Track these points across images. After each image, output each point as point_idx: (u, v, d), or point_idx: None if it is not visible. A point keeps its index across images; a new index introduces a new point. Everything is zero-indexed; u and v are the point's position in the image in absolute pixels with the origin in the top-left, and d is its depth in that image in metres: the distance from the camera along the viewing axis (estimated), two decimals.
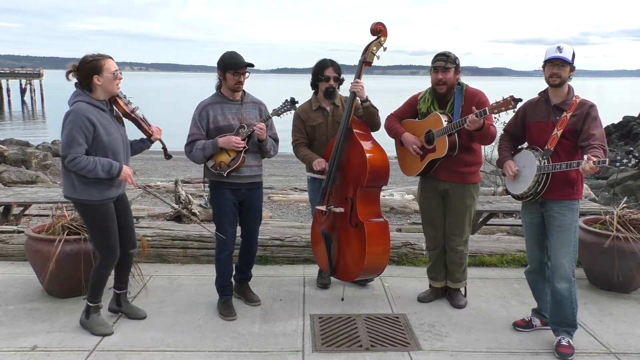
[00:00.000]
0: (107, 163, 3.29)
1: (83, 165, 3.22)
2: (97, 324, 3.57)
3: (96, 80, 3.28)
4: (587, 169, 3.02)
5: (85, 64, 3.28)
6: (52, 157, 14.64)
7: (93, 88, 3.32)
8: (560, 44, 3.33)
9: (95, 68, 3.27)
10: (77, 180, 3.33)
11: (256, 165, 3.90)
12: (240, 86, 3.77)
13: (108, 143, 3.32)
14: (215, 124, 3.78)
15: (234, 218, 3.90)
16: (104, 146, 3.30)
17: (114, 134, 3.37)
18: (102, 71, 3.28)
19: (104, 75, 3.28)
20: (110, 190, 3.42)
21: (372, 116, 4.01)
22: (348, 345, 3.47)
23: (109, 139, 3.32)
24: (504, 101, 3.39)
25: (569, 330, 3.45)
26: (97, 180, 3.32)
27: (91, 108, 3.28)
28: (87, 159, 3.23)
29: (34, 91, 48.79)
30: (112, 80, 3.31)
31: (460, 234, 4.01)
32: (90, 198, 3.36)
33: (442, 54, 3.81)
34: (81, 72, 3.29)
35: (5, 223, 6.00)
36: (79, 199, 3.38)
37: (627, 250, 4.19)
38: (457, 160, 3.84)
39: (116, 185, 3.44)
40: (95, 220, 3.44)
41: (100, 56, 3.31)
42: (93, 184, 3.33)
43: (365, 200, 3.96)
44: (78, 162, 3.21)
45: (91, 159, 3.25)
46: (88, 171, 3.24)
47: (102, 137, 3.28)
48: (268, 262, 5.04)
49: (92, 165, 3.23)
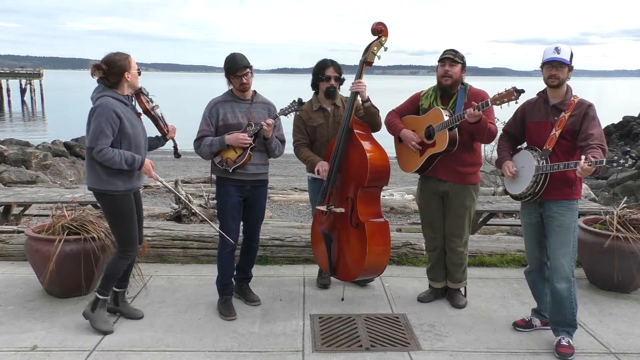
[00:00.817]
0: (130, 156, 3.40)
1: (109, 157, 3.33)
2: (101, 320, 3.60)
3: (127, 76, 3.43)
4: (579, 170, 3.03)
5: (117, 63, 3.40)
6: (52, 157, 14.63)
7: (120, 84, 3.44)
8: (558, 45, 3.33)
9: (125, 65, 3.41)
10: (102, 172, 3.42)
11: (262, 163, 3.94)
12: (245, 86, 3.83)
13: (133, 136, 3.44)
14: (224, 122, 3.84)
15: (237, 214, 3.92)
16: (129, 139, 3.42)
17: (138, 127, 3.50)
18: (130, 68, 3.43)
19: (132, 72, 3.44)
20: (133, 182, 3.54)
21: (373, 116, 4.02)
22: (348, 345, 3.47)
23: (134, 132, 3.45)
24: (507, 92, 3.39)
25: (569, 330, 3.45)
26: (121, 172, 3.43)
27: (117, 102, 3.40)
28: (113, 151, 3.35)
29: (34, 91, 48.79)
30: (137, 75, 3.49)
31: (460, 235, 4.01)
32: (115, 189, 3.45)
33: (451, 49, 3.85)
34: (114, 70, 3.40)
35: (5, 223, 6.01)
36: (105, 189, 3.45)
37: (627, 250, 4.19)
38: (457, 159, 3.84)
39: (136, 176, 3.56)
40: (120, 211, 3.51)
41: (126, 54, 3.46)
42: (118, 175, 3.43)
43: (366, 200, 3.96)
44: (105, 153, 3.32)
45: (117, 151, 3.36)
46: (113, 163, 3.35)
47: (127, 130, 3.40)
48: (268, 262, 5.05)
49: (118, 157, 3.35)
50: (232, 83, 3.85)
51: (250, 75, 3.81)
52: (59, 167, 13.36)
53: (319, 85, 4.18)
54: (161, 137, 3.75)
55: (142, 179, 3.71)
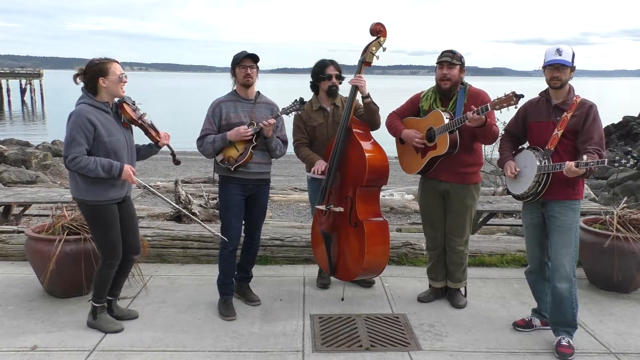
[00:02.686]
0: (108, 163, 3.32)
1: (83, 165, 3.27)
2: (107, 322, 3.60)
3: (101, 82, 3.35)
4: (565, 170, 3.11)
5: (92, 67, 3.35)
6: (52, 157, 14.62)
7: (98, 90, 3.38)
8: (560, 46, 3.32)
9: (101, 70, 3.34)
10: (80, 181, 3.38)
11: (264, 162, 3.95)
12: (249, 80, 3.83)
13: (109, 143, 3.36)
14: (227, 120, 3.85)
15: (239, 212, 3.92)
16: (105, 146, 3.35)
17: (116, 135, 3.41)
18: (107, 74, 3.35)
19: (109, 77, 3.35)
20: (113, 191, 3.44)
21: (373, 114, 4.01)
22: (348, 345, 3.47)
23: (111, 139, 3.36)
24: (506, 97, 3.39)
25: (569, 330, 3.45)
26: (100, 181, 3.36)
27: (93, 109, 3.34)
28: (87, 158, 3.28)
29: (34, 91, 48.76)
30: (117, 83, 3.37)
31: (460, 234, 4.01)
32: (93, 198, 3.40)
33: (449, 51, 3.82)
34: (87, 74, 3.36)
35: (5, 223, 6.01)
36: (83, 199, 3.43)
37: (627, 250, 4.19)
38: (458, 160, 3.84)
39: (119, 186, 3.46)
40: (97, 220, 3.47)
41: (107, 60, 3.39)
42: (96, 184, 3.37)
43: (365, 199, 3.96)
44: (78, 161, 3.26)
45: (92, 158, 3.29)
46: (89, 170, 3.28)
47: (103, 138, 3.33)
48: (268, 262, 5.04)
49: (93, 165, 3.28)
50: (237, 76, 3.84)
51: (256, 72, 3.83)
52: (59, 167, 13.35)
53: (318, 86, 4.19)
54: (153, 145, 3.66)
55: (129, 188, 3.59)
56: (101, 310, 3.63)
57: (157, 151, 3.72)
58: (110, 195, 3.44)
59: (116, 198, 3.49)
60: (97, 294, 3.61)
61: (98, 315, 3.61)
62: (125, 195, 3.57)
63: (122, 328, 3.59)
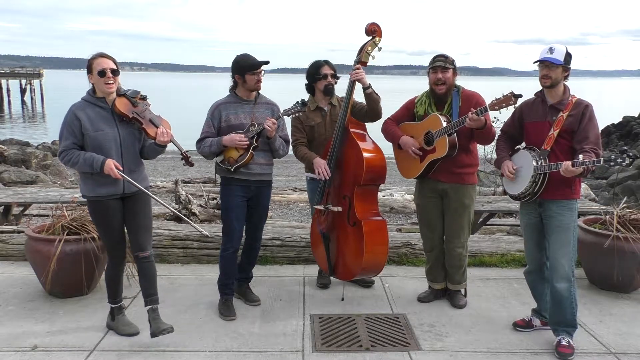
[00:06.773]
0: (90, 157, 3.28)
1: (69, 159, 3.31)
2: (122, 325, 3.60)
3: (89, 79, 3.37)
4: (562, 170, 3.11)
5: (87, 64, 3.36)
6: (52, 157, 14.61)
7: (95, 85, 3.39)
8: (553, 45, 3.32)
9: (88, 67, 3.36)
10: (79, 177, 3.45)
11: (266, 163, 3.94)
12: (260, 85, 3.85)
13: (95, 138, 3.31)
14: (227, 123, 3.84)
15: (241, 213, 3.92)
16: (91, 142, 3.32)
17: (104, 129, 3.33)
18: (92, 70, 3.34)
19: (94, 74, 3.33)
20: (104, 188, 3.36)
21: (375, 103, 3.97)
22: (348, 345, 3.47)
23: (96, 134, 3.31)
24: (504, 97, 3.40)
25: (568, 330, 3.45)
26: (91, 176, 3.35)
27: (86, 105, 3.35)
28: (72, 152, 3.31)
29: (34, 91, 48.74)
30: (99, 79, 3.31)
31: (458, 235, 4.01)
32: (88, 194, 3.42)
33: (441, 55, 3.84)
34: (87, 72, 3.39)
35: (5, 223, 6.00)
36: (82, 194, 3.47)
37: (627, 250, 4.19)
38: (455, 161, 3.85)
39: (111, 182, 3.35)
40: (94, 216, 3.50)
41: (94, 56, 3.36)
42: (88, 180, 3.39)
43: (363, 198, 3.96)
44: (64, 156, 3.32)
45: (76, 152, 3.30)
46: (74, 164, 3.32)
47: (88, 132, 3.31)
48: (268, 262, 5.04)
49: (76, 158, 3.30)
50: (248, 82, 3.80)
51: (262, 75, 3.84)
52: (59, 167, 13.34)
53: (314, 86, 4.20)
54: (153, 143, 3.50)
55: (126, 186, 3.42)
56: (118, 311, 3.64)
57: (162, 150, 3.53)
58: (102, 191, 3.36)
59: (111, 194, 3.39)
60: (109, 294, 3.64)
61: (116, 316, 3.62)
62: (125, 192, 3.44)
63: (137, 332, 3.55)
